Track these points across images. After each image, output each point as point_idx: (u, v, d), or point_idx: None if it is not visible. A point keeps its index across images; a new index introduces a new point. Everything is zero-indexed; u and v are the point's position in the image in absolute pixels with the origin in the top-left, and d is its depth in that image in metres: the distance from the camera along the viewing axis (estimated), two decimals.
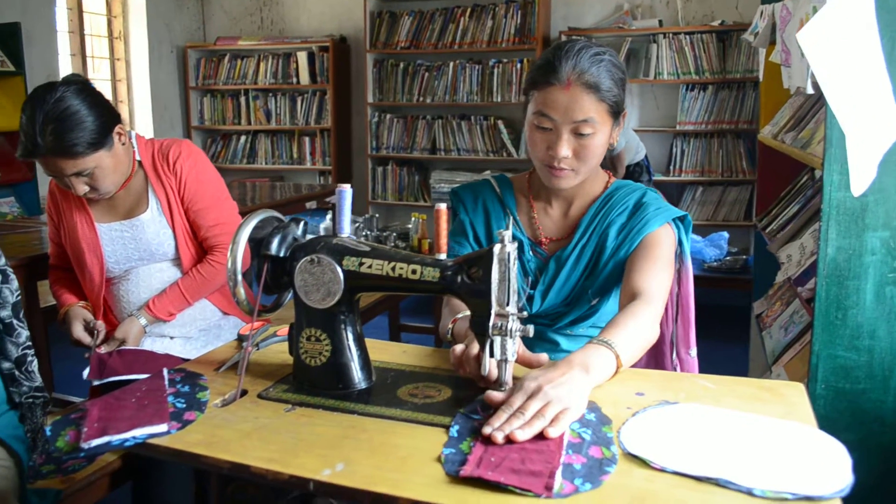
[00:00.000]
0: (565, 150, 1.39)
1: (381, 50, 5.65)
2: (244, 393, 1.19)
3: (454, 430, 1.02)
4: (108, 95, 5.71)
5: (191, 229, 1.93)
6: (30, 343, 1.32)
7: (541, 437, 0.98)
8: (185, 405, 1.13)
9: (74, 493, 1.65)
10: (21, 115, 1.69)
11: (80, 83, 1.74)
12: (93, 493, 1.71)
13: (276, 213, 1.25)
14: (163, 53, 6.01)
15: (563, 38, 5.14)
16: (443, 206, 1.16)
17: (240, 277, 1.16)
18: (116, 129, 1.77)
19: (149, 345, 1.89)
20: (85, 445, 1.02)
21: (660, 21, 5.18)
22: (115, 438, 1.03)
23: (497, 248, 1.07)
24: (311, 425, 1.08)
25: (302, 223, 1.24)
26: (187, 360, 1.87)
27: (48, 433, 1.08)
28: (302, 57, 5.87)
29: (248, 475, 0.97)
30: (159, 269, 1.94)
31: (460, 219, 1.61)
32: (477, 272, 1.09)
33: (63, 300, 1.97)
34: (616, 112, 1.41)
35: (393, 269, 1.14)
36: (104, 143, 1.73)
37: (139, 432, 1.04)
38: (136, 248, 1.90)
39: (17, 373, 1.31)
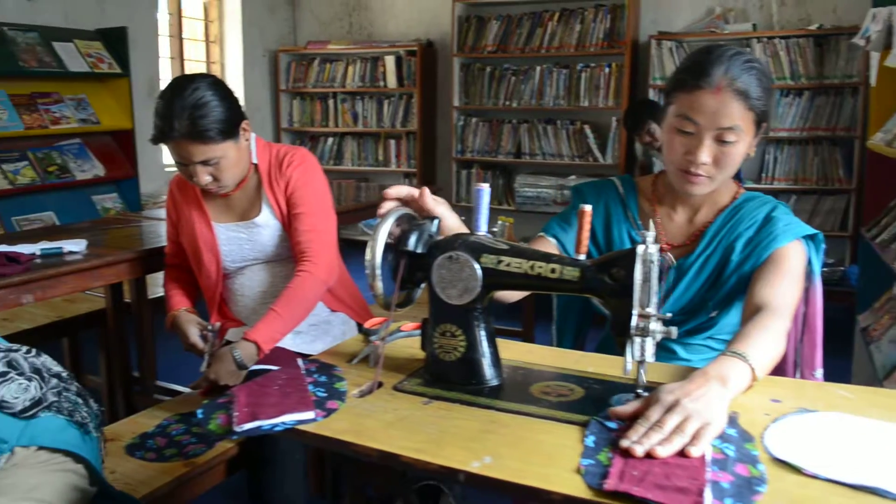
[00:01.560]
0: (705, 156, 1.37)
1: (467, 54, 5.68)
2: (380, 385, 1.22)
3: (590, 440, 1.01)
4: None
5: None
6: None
7: (681, 452, 0.96)
8: (326, 394, 1.17)
9: (195, 476, 1.74)
10: (158, 102, 1.78)
11: (213, 77, 1.83)
12: (211, 477, 1.78)
13: (410, 211, 1.27)
14: (255, 57, 6.19)
15: (654, 42, 5.07)
16: (587, 208, 1.15)
17: (378, 271, 1.18)
18: (243, 124, 1.84)
19: None
20: (237, 429, 1.05)
21: (753, 25, 5.05)
22: (265, 423, 1.06)
23: (640, 248, 1.07)
24: (451, 419, 1.09)
25: (436, 221, 1.26)
26: (299, 353, 1.93)
27: (200, 415, 1.12)
28: (389, 61, 5.95)
29: (397, 464, 0.99)
30: (273, 266, 1.99)
31: (575, 210, 1.61)
32: (618, 272, 1.09)
33: (173, 303, 2.02)
34: (760, 122, 1.39)
35: (532, 267, 1.15)
36: (232, 135, 1.81)
37: (287, 418, 1.07)
38: (252, 249, 1.96)
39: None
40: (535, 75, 5.53)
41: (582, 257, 1.15)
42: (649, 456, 0.94)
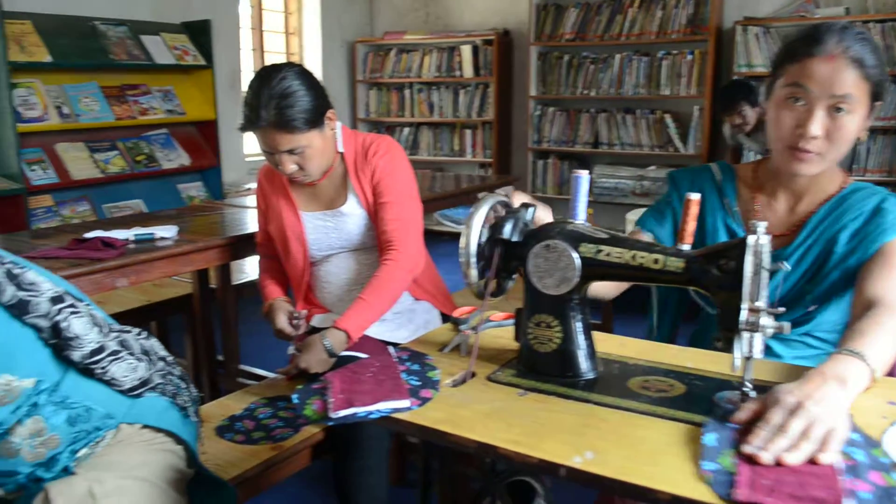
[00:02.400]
0: (816, 127, 1.29)
1: (545, 42, 5.61)
2: (473, 375, 1.20)
3: (711, 438, 0.96)
4: None
5: None
6: (92, 357, 1.19)
7: (810, 458, 0.90)
8: (419, 383, 1.16)
9: (282, 460, 1.75)
10: (247, 91, 1.80)
11: (300, 67, 1.84)
12: (297, 461, 1.80)
13: (504, 198, 1.25)
14: (333, 48, 6.25)
15: (739, 28, 4.90)
16: (694, 196, 1.11)
17: (473, 259, 1.16)
18: (328, 113, 1.85)
19: None
20: (333, 415, 1.05)
21: (846, 9, 4.82)
22: (361, 410, 1.06)
23: (751, 238, 1.02)
24: (548, 411, 1.07)
25: (532, 209, 1.23)
26: (383, 340, 1.94)
27: (295, 400, 1.12)
28: (466, 51, 5.93)
29: (495, 456, 0.97)
30: (359, 254, 2.00)
31: (670, 201, 1.55)
32: (727, 264, 1.04)
33: (267, 293, 2.05)
34: (875, 96, 1.31)
35: (633, 257, 1.11)
36: (318, 124, 1.82)
37: (383, 406, 1.06)
38: (339, 238, 1.97)
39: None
40: (614, 63, 5.41)
41: (686, 247, 1.11)
42: (775, 462, 0.89)
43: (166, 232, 2.18)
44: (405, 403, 1.07)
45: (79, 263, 1.90)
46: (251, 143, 5.68)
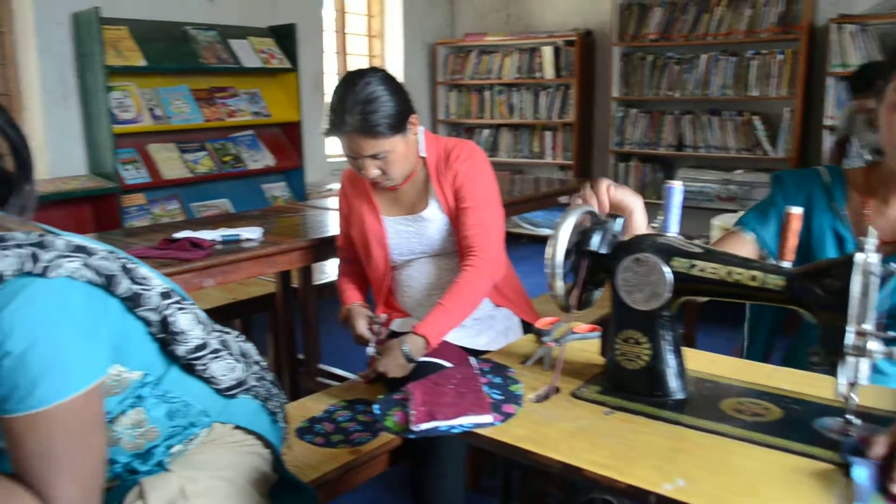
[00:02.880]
0: None
1: (628, 43, 5.50)
2: (557, 390, 1.17)
3: (860, 476, 0.88)
4: None
5: None
6: (195, 352, 1.22)
7: None
8: (502, 397, 1.13)
9: (360, 464, 1.76)
10: (332, 96, 1.81)
11: (384, 72, 1.83)
12: (375, 466, 1.80)
13: (592, 208, 1.21)
14: (415, 50, 6.29)
15: (833, 26, 4.68)
16: (795, 211, 1.05)
17: (559, 270, 1.13)
18: (411, 118, 1.85)
19: None
20: (415, 428, 1.04)
21: None
22: (443, 424, 1.04)
23: (859, 256, 0.95)
24: (637, 432, 1.03)
25: (619, 220, 1.19)
26: (462, 347, 1.92)
27: (377, 411, 1.12)
28: (547, 52, 5.87)
29: (580, 478, 0.94)
30: (439, 259, 1.99)
31: (775, 203, 1.47)
32: (833, 283, 0.98)
33: (346, 297, 2.06)
34: None
35: (729, 273, 1.06)
36: (401, 129, 1.81)
37: (465, 420, 1.05)
38: (420, 242, 1.97)
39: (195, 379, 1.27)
40: (700, 64, 5.26)
41: (787, 264, 1.05)
42: None
43: (251, 234, 2.22)
44: (487, 419, 1.05)
45: (168, 263, 1.95)
46: (333, 145, 5.77)
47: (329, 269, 3.51)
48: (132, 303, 1.10)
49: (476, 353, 1.92)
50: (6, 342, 0.92)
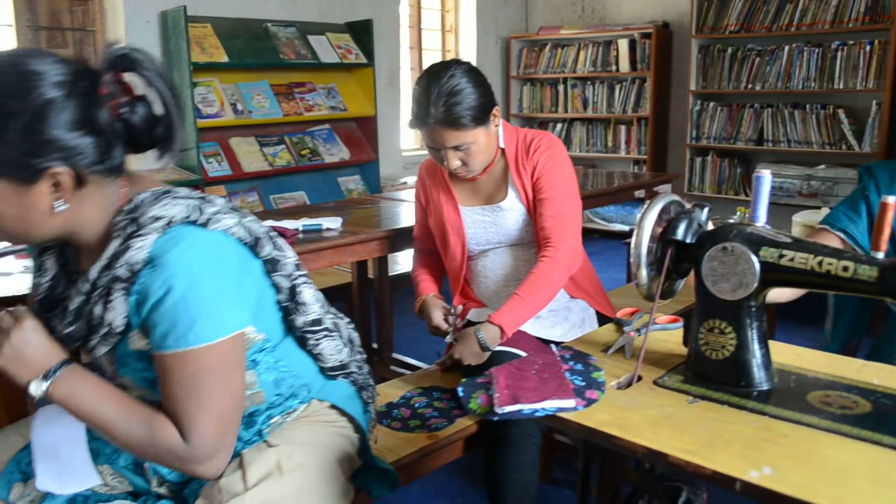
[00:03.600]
0: None
1: (707, 35, 5.38)
2: (639, 378, 1.17)
3: None
4: None
5: None
6: (312, 327, 1.29)
7: None
8: (584, 383, 1.14)
9: (437, 449, 1.79)
10: (415, 88, 1.85)
11: (468, 64, 1.86)
12: (451, 452, 1.83)
13: (678, 198, 1.21)
14: (489, 44, 6.30)
15: None
16: (892, 200, 1.03)
17: (643, 259, 1.14)
18: (494, 110, 1.87)
19: None
20: (499, 410, 1.06)
21: None
22: (527, 407, 1.06)
23: None
24: (721, 421, 1.03)
25: (706, 208, 1.19)
26: (538, 337, 1.93)
27: (461, 393, 1.14)
28: (623, 44, 5.79)
29: (665, 464, 0.94)
30: (516, 250, 2.01)
31: (866, 195, 1.44)
32: None
33: (421, 289, 2.09)
34: None
35: (819, 264, 1.04)
36: (484, 121, 1.83)
37: (549, 404, 1.06)
38: (497, 232, 1.98)
39: (305, 351, 1.34)
40: (782, 55, 5.11)
41: (881, 255, 1.03)
42: None
43: (332, 223, 2.28)
44: (570, 403, 1.07)
45: None
46: (407, 139, 5.84)
47: (402, 261, 3.57)
48: (271, 266, 1.18)
49: (551, 344, 1.94)
50: (170, 280, 1.01)
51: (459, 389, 1.15)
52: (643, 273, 1.15)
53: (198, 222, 1.07)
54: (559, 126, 6.33)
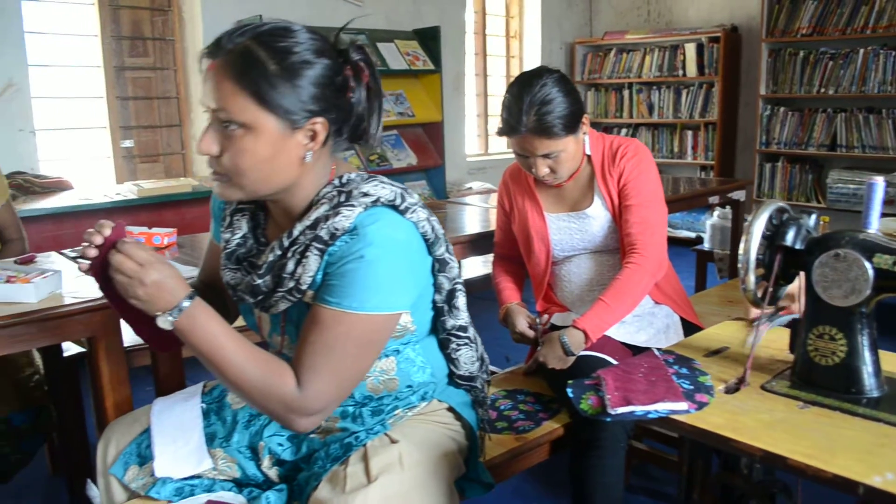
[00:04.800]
0: None
1: (778, 38, 5.30)
2: (746, 383, 1.18)
3: None
4: (502, 90, 6.16)
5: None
6: (457, 331, 1.35)
7: None
8: (692, 387, 1.16)
9: (524, 451, 1.81)
10: (505, 97, 1.88)
11: (558, 72, 1.88)
12: (538, 454, 1.85)
13: (784, 204, 1.22)
14: (553, 50, 6.31)
15: None
16: None
17: (752, 265, 1.15)
18: (583, 118, 1.88)
19: None
20: (612, 411, 1.08)
21: None
22: (639, 409, 1.08)
23: None
24: (836, 427, 1.03)
25: (814, 215, 1.19)
26: (622, 343, 1.94)
27: (570, 394, 1.17)
28: (690, 49, 5.74)
29: (783, 467, 0.96)
30: (600, 255, 2.02)
31: None
32: None
33: (504, 296, 2.12)
34: None
35: None
36: (574, 129, 1.85)
37: (661, 407, 1.08)
38: (582, 239, 2.00)
39: (443, 354, 1.40)
40: (857, 59, 5.00)
41: None
42: None
43: None
44: (682, 406, 1.08)
45: None
46: (472, 144, 5.88)
47: (470, 266, 3.59)
48: (440, 266, 1.26)
49: (635, 350, 1.94)
50: (364, 249, 1.10)
51: (569, 390, 1.18)
52: (751, 279, 1.16)
53: (399, 207, 1.17)
54: (624, 131, 6.30)
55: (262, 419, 1.38)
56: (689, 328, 2.03)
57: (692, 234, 5.64)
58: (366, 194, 1.15)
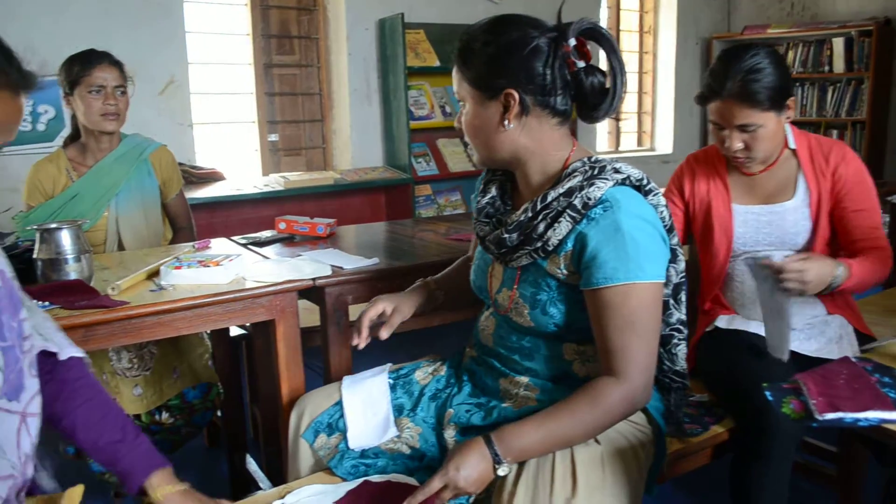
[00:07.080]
0: None
1: None
2: None
3: None
4: (633, 87, 6.05)
5: (830, 231, 1.89)
6: (680, 326, 1.39)
7: None
8: None
9: (689, 454, 1.78)
10: (714, 63, 1.84)
11: (772, 47, 1.84)
12: (699, 458, 1.82)
13: None
14: (688, 46, 6.14)
15: None
16: None
17: None
18: (789, 101, 1.82)
19: (755, 328, 1.91)
20: (819, 417, 1.06)
21: None
22: (849, 416, 1.05)
23: None
24: None
25: None
26: (791, 351, 1.87)
27: (769, 397, 1.15)
28: (837, 43, 5.46)
29: None
30: (782, 255, 1.92)
31: None
32: None
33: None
34: None
35: None
36: (778, 107, 1.79)
37: (872, 415, 1.04)
38: (769, 234, 1.92)
39: (660, 350, 1.40)
40: None
41: None
42: None
43: None
44: (894, 415, 1.04)
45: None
46: (602, 140, 5.81)
47: None
48: (672, 256, 1.32)
49: (804, 359, 1.86)
50: (619, 220, 1.20)
51: (768, 394, 1.16)
52: None
53: (644, 188, 1.28)
54: None
55: (449, 390, 1.46)
56: (863, 339, 1.94)
57: None
58: (617, 171, 1.25)
